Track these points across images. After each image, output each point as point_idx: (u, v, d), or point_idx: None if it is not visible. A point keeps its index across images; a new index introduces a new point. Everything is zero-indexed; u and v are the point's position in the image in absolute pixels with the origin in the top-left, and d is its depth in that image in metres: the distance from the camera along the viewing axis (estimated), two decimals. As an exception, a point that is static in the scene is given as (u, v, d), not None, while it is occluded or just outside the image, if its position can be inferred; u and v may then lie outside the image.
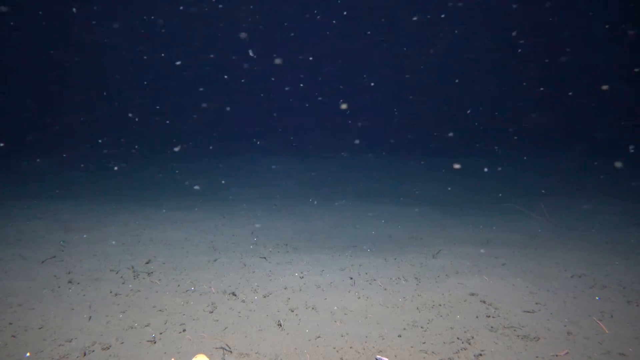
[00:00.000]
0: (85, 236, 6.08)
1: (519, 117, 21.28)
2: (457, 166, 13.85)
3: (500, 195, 10.46)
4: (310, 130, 22.62)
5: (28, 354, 2.97)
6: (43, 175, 12.41)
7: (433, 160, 16.99)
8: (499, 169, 14.19)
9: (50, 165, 14.22)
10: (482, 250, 5.60)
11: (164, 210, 8.04)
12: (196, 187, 11.25)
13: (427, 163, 16.46)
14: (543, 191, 8.52)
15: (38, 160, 14.97)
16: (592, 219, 7.42)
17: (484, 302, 3.87)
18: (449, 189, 11.09)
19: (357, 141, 19.22)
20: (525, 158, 16.29)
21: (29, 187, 10.58)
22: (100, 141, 17.73)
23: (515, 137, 19.30)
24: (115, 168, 14.46)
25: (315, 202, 9.59)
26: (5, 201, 8.63)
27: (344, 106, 20.63)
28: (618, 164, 12.56)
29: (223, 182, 12.42)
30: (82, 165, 14.41)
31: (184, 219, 7.31)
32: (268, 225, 7.23)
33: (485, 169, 14.12)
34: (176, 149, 17.56)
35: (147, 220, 7.18)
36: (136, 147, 18.67)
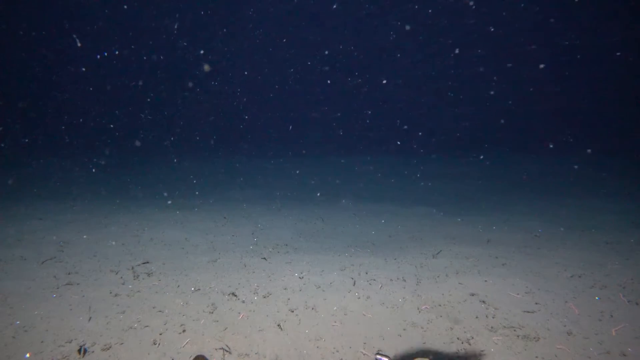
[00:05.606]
0: (85, 236, 6.08)
1: (519, 117, 21.30)
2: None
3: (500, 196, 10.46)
4: (311, 132, 22.64)
5: (28, 355, 2.97)
6: (43, 176, 12.40)
7: (431, 160, 17.00)
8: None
9: (51, 166, 14.21)
10: (482, 250, 5.59)
11: (164, 211, 8.04)
12: (196, 192, 11.24)
13: (425, 163, 16.45)
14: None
15: (38, 160, 14.96)
16: (592, 219, 7.42)
17: (484, 302, 3.87)
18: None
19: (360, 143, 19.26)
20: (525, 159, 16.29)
21: (29, 187, 10.57)
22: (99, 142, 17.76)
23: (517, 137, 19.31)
24: (115, 169, 14.45)
25: (316, 203, 9.58)
26: (5, 201, 8.63)
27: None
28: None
29: (223, 183, 12.41)
30: (84, 166, 14.41)
31: (184, 219, 7.30)
32: (268, 225, 7.22)
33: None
34: (167, 143, 17.57)
35: (147, 220, 7.17)
36: (137, 147, 18.65)
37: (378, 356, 3.02)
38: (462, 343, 3.19)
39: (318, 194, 10.60)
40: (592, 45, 20.00)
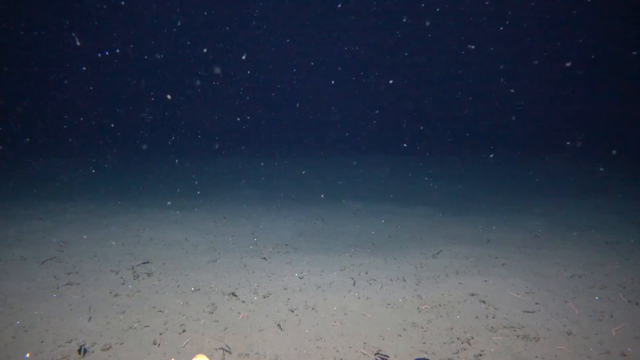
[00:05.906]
0: (85, 236, 6.08)
1: (518, 116, 21.30)
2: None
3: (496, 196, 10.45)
4: (315, 132, 22.65)
5: (28, 355, 2.97)
6: (43, 176, 12.40)
7: (433, 161, 16.99)
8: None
9: (51, 166, 14.22)
10: (482, 250, 5.59)
11: (164, 211, 8.04)
12: (197, 192, 11.23)
13: (428, 163, 16.45)
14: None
15: (39, 161, 14.96)
16: (592, 219, 7.42)
17: (484, 302, 3.87)
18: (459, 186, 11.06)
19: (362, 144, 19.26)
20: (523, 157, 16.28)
21: (29, 187, 10.57)
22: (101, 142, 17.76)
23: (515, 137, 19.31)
24: (115, 169, 14.45)
25: (317, 203, 9.58)
26: (5, 201, 8.63)
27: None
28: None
29: (224, 183, 12.41)
30: (84, 166, 14.40)
31: (184, 219, 7.30)
32: (268, 225, 7.22)
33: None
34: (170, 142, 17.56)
35: (146, 220, 7.17)
36: (137, 147, 18.65)
37: (377, 356, 3.02)
38: (462, 343, 3.19)
39: (322, 196, 10.60)
40: (605, 45, 19.93)
